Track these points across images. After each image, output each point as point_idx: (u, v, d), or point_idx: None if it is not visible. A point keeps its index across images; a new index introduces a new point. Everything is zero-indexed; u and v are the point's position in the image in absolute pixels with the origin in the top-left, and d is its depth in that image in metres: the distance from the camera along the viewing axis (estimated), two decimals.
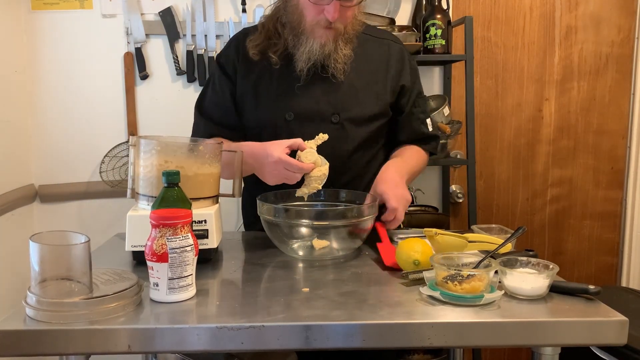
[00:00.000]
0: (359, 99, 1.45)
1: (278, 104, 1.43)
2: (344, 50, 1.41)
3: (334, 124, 1.43)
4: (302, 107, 1.43)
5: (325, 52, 1.39)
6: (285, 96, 1.44)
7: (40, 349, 0.87)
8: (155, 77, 2.08)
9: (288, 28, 1.41)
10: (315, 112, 1.43)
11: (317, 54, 1.39)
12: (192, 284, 0.99)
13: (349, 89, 1.44)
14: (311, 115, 1.43)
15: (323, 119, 1.43)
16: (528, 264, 1.03)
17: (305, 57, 1.39)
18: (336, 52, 1.40)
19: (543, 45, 2.26)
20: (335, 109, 1.43)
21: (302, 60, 1.40)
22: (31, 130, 2.07)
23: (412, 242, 1.12)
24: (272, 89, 1.45)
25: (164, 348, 0.89)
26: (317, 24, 1.36)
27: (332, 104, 1.43)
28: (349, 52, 1.42)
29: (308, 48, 1.39)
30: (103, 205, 2.12)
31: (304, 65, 1.40)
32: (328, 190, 1.40)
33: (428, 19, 1.94)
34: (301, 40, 1.39)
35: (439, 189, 2.29)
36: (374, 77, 1.48)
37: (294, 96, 1.43)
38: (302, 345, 0.89)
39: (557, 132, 2.31)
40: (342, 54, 1.40)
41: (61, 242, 0.92)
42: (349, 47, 1.42)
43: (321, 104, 1.43)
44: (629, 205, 2.33)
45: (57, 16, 2.03)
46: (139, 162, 1.20)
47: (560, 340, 0.91)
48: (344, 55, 1.41)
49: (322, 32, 1.37)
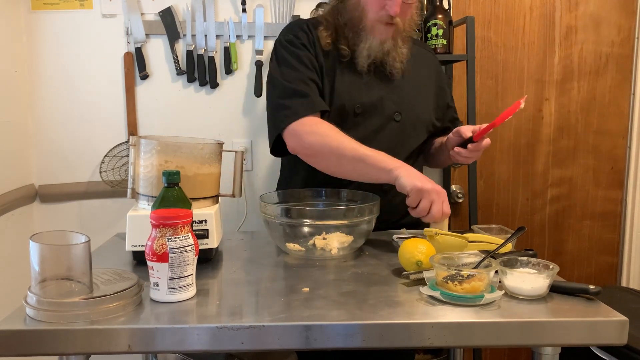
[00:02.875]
0: (419, 101, 1.50)
1: (350, 95, 1.44)
2: (402, 49, 1.44)
3: (396, 122, 1.46)
4: (369, 102, 1.45)
5: (384, 49, 1.41)
6: (354, 88, 1.45)
7: (40, 349, 0.87)
8: (155, 77, 2.08)
9: (348, 25, 1.43)
10: (380, 109, 1.45)
11: (377, 51, 1.41)
12: (192, 284, 0.99)
13: (411, 90, 1.49)
14: (376, 110, 1.45)
15: (387, 116, 1.45)
16: (528, 264, 1.03)
17: (366, 54, 1.42)
18: (395, 50, 1.43)
19: (543, 45, 2.26)
20: (398, 107, 1.46)
21: (363, 57, 1.42)
22: (31, 130, 2.07)
23: (416, 243, 1.12)
24: (344, 79, 1.45)
25: (164, 348, 0.89)
26: (378, 20, 1.39)
27: (395, 102, 1.46)
28: (406, 51, 1.45)
29: (368, 44, 1.41)
30: (103, 205, 2.12)
31: (364, 61, 1.42)
32: (329, 190, 1.40)
33: (429, 19, 1.94)
34: (361, 37, 1.42)
35: None
36: (426, 83, 1.54)
37: (362, 90, 1.45)
38: (302, 345, 0.89)
39: (557, 132, 2.31)
40: (400, 52, 1.44)
41: (61, 242, 0.92)
42: (406, 47, 1.45)
43: (385, 101, 1.45)
44: (629, 205, 2.33)
45: (57, 16, 2.02)
46: (139, 162, 1.20)
47: (560, 340, 0.91)
48: (402, 53, 1.44)
49: (383, 28, 1.40)
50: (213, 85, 2.07)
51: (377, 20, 1.39)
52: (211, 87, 2.08)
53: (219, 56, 2.07)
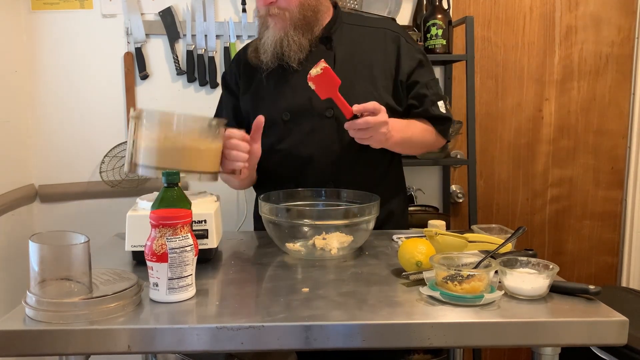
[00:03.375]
0: (356, 91, 1.38)
1: (274, 106, 1.42)
2: (294, 38, 1.35)
3: (328, 119, 1.40)
4: (296, 106, 1.41)
5: (276, 39, 1.35)
6: (280, 96, 1.42)
7: (40, 349, 0.87)
8: (155, 77, 2.08)
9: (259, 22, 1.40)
10: (309, 109, 1.40)
11: (271, 44, 1.35)
12: (192, 284, 0.99)
13: (343, 82, 1.31)
14: (306, 112, 1.40)
15: (318, 115, 1.40)
16: (528, 264, 1.03)
17: (263, 49, 1.37)
18: (287, 39, 1.35)
19: (543, 45, 2.26)
20: (329, 103, 1.36)
21: (261, 51, 1.37)
22: (31, 130, 2.07)
23: (416, 243, 1.11)
24: (269, 91, 1.43)
25: (163, 348, 0.89)
26: (263, 13, 1.35)
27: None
28: (302, 41, 1.36)
29: (263, 40, 1.36)
30: (103, 205, 2.12)
31: (263, 56, 1.37)
32: (329, 190, 1.40)
33: (429, 19, 1.94)
34: (261, 34, 1.38)
35: (439, 189, 2.29)
36: (369, 70, 1.42)
37: (287, 95, 1.41)
38: (302, 345, 0.89)
39: (557, 132, 2.31)
40: (292, 41, 1.35)
41: (61, 242, 0.92)
42: (305, 37, 1.36)
43: (314, 100, 1.37)
44: (629, 205, 2.33)
45: (57, 16, 2.03)
46: (140, 133, 1.18)
47: (560, 340, 0.91)
48: (295, 42, 1.35)
49: (269, 20, 1.35)
50: (213, 85, 2.07)
51: (264, 14, 1.35)
52: (211, 87, 2.08)
53: (219, 56, 2.07)
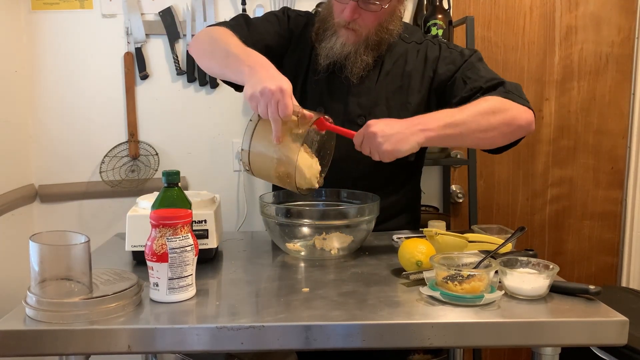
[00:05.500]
0: (389, 105, 1.42)
1: (312, 104, 1.43)
2: (363, 56, 1.38)
3: (359, 126, 1.38)
4: (332, 109, 1.41)
5: (344, 52, 1.38)
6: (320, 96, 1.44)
7: (40, 349, 0.87)
8: (155, 77, 2.08)
9: (321, 22, 1.42)
10: (343, 112, 1.42)
11: (337, 53, 1.38)
12: (192, 284, 0.99)
13: (379, 94, 1.42)
14: (339, 116, 1.40)
15: (349, 121, 1.40)
16: (528, 264, 1.03)
17: (324, 53, 1.39)
18: (355, 55, 1.38)
19: (543, 45, 2.26)
20: (363, 111, 1.42)
21: (322, 56, 1.40)
22: (31, 130, 2.07)
23: (416, 243, 1.12)
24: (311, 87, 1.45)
25: (164, 348, 0.89)
26: (339, 23, 1.37)
27: (361, 106, 1.42)
28: (369, 60, 1.39)
29: (330, 44, 1.38)
30: (103, 205, 2.11)
31: (322, 61, 1.40)
32: (329, 190, 1.40)
33: (429, 19, 1.94)
34: (326, 35, 1.39)
35: (439, 189, 2.29)
36: (407, 85, 1.44)
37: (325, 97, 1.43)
38: (302, 345, 0.89)
39: (557, 132, 2.31)
40: (360, 59, 1.38)
41: (61, 242, 0.92)
42: (371, 55, 1.39)
43: (350, 105, 1.42)
44: (629, 205, 2.33)
45: (57, 16, 2.02)
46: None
47: (560, 340, 0.91)
48: (362, 61, 1.38)
49: (344, 32, 1.37)
50: (213, 85, 2.07)
51: (338, 23, 1.37)
52: (211, 87, 2.08)
53: None
